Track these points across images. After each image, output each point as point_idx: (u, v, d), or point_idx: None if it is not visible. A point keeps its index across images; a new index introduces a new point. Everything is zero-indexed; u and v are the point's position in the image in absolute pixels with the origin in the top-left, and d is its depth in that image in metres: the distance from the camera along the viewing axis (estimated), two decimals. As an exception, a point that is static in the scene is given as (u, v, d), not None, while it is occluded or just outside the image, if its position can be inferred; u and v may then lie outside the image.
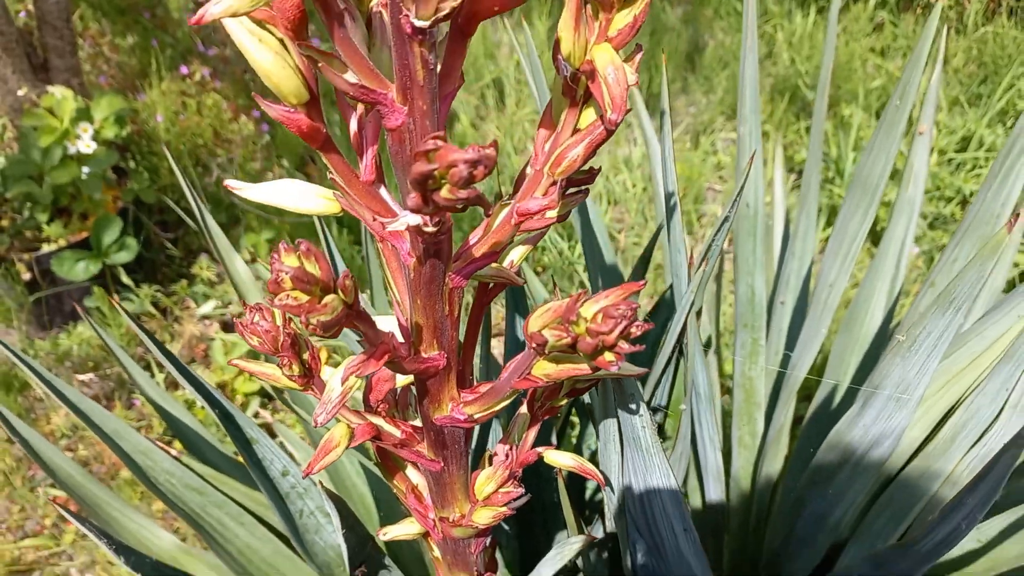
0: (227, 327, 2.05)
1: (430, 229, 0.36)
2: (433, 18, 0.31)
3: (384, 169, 0.43)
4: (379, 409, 0.51)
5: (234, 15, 0.29)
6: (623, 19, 0.34)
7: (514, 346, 0.77)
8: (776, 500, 0.94)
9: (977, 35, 2.48)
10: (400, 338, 0.46)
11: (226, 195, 2.16)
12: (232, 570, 0.95)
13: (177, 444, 1.76)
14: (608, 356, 0.35)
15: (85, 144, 1.78)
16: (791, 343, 1.02)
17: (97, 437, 0.90)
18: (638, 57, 0.36)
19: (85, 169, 1.81)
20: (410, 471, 0.56)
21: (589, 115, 0.37)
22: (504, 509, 0.49)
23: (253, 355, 1.85)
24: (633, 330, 0.35)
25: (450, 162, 0.28)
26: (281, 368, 0.44)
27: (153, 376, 1.86)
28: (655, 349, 0.97)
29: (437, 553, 0.59)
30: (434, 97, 0.34)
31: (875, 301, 1.04)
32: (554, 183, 0.38)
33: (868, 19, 2.73)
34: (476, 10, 0.34)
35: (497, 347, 1.96)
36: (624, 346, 0.35)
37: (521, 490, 0.49)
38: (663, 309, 0.91)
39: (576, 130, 0.38)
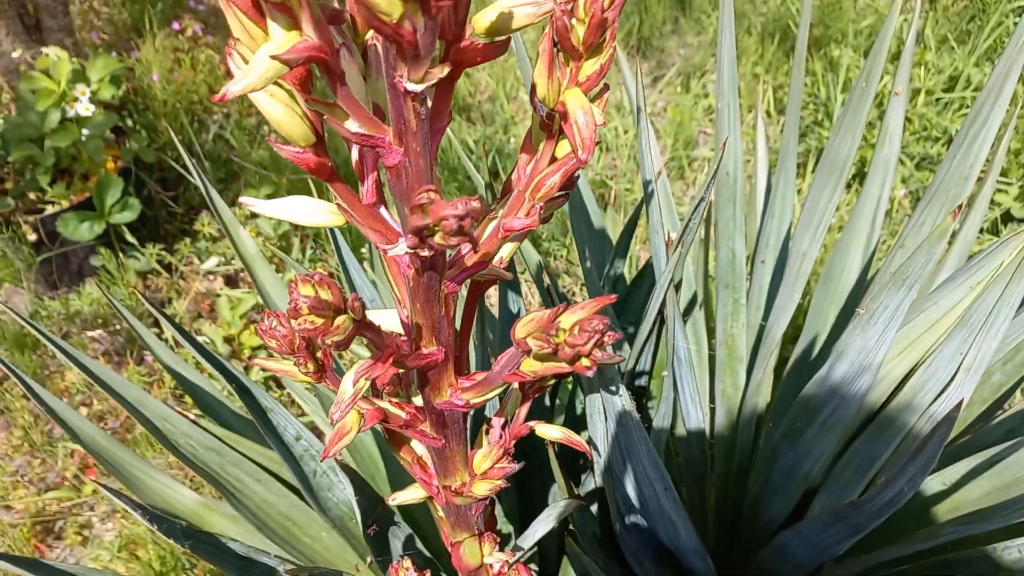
0: (231, 282, 2.10)
1: (425, 254, 0.40)
2: (423, 82, 0.35)
3: (382, 181, 0.47)
4: (385, 392, 0.57)
5: (252, 91, 0.33)
6: (591, 67, 0.39)
7: (507, 316, 0.82)
8: (756, 450, 1.00)
9: (967, -28, 2.47)
10: (402, 332, 0.52)
11: (224, 150, 2.19)
12: (251, 523, 1.02)
13: (188, 399, 1.83)
14: (585, 362, 0.40)
15: (84, 107, 1.81)
16: (772, 299, 1.07)
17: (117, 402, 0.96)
18: (606, 96, 0.41)
19: (85, 131, 1.84)
20: (414, 443, 0.62)
21: (564, 146, 0.42)
22: (500, 482, 0.55)
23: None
24: (606, 339, 0.40)
25: (442, 217, 0.33)
26: (297, 366, 0.50)
27: (162, 333, 1.92)
28: (641, 312, 1.02)
29: (441, 514, 0.66)
30: (425, 139, 0.39)
31: (852, 256, 1.09)
32: (534, 205, 0.43)
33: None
34: (460, 60, 0.38)
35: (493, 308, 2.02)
36: (598, 354, 0.40)
37: (515, 465, 0.55)
38: (647, 275, 0.97)
39: (553, 158, 0.43)
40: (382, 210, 0.46)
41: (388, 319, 0.56)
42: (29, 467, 1.79)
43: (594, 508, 0.80)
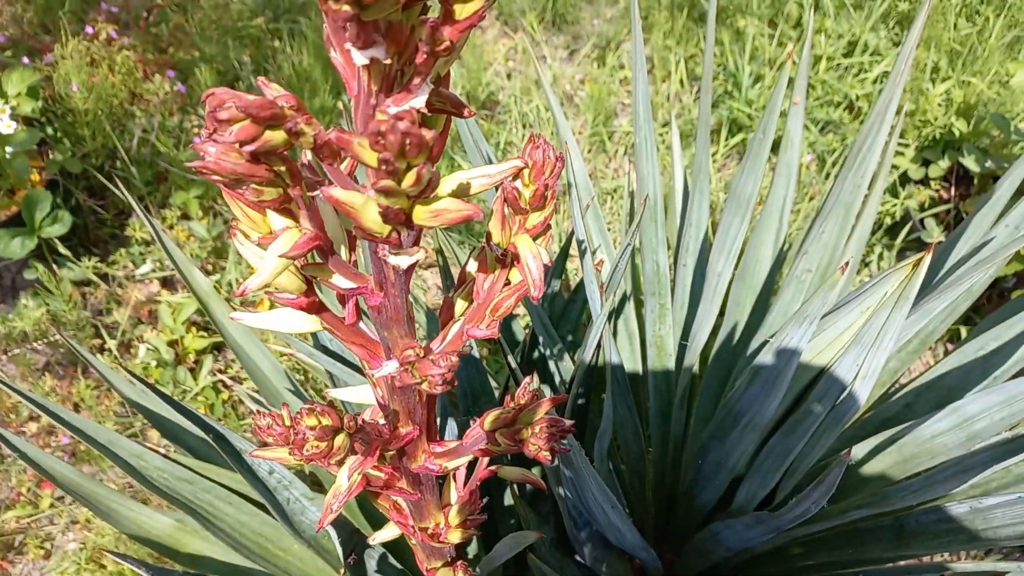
0: (168, 284, 2.12)
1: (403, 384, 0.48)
2: (400, 256, 0.42)
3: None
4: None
5: (266, 285, 0.40)
6: (536, 218, 0.47)
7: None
8: (688, 438, 1.12)
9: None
10: (376, 406, 0.60)
11: (150, 153, 2.18)
12: (226, 543, 1.09)
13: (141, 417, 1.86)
14: (545, 455, 0.49)
15: (5, 125, 1.79)
16: (695, 298, 1.18)
17: (95, 448, 1.01)
18: (549, 233, 0.49)
19: (8, 149, 1.82)
20: (391, 495, 0.70)
21: (516, 274, 0.50)
22: (472, 531, 0.64)
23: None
24: (564, 442, 0.49)
25: (428, 375, 0.41)
26: (292, 455, 0.57)
27: (104, 344, 1.94)
28: (577, 323, 1.12)
29: (416, 545, 0.74)
30: (402, 287, 0.46)
31: (764, 249, 1.20)
32: (494, 319, 0.51)
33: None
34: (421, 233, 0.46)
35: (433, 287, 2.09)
36: (557, 448, 0.49)
37: (484, 516, 0.64)
38: (581, 290, 1.06)
39: (507, 282, 0.50)
40: (361, 324, 0.53)
41: (363, 394, 0.63)
42: (-18, 487, 1.81)
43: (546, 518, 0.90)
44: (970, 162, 1.96)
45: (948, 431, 0.95)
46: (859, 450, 1.04)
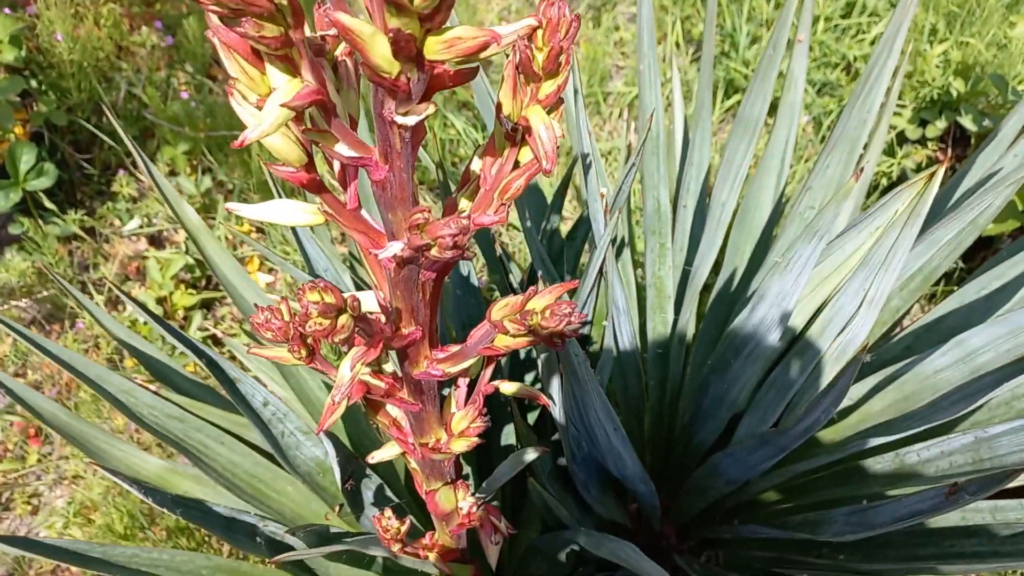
0: (155, 242, 2.09)
1: (410, 254, 0.46)
2: (410, 116, 0.40)
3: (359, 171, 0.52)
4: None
5: (267, 136, 0.38)
6: (549, 87, 0.44)
7: (459, 280, 0.89)
8: (685, 380, 1.10)
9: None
10: (379, 312, 0.57)
11: (136, 108, 2.14)
12: (219, 484, 1.08)
13: (128, 362, 1.84)
14: (556, 340, 0.47)
15: (-13, 73, 1.75)
16: (694, 241, 1.16)
17: (83, 383, 0.99)
18: (561, 108, 0.47)
19: (-10, 98, 1.78)
20: (390, 407, 0.69)
21: (527, 153, 0.48)
22: (476, 439, 0.62)
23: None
24: (573, 319, 0.47)
25: (438, 236, 0.39)
26: (291, 352, 0.55)
27: (92, 298, 1.91)
28: (576, 262, 1.10)
29: (415, 466, 0.72)
30: (408, 157, 0.44)
31: (764, 194, 1.18)
32: (503, 204, 0.49)
33: None
34: (434, 87, 0.43)
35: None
36: (568, 331, 0.47)
37: (488, 424, 0.62)
38: (580, 228, 1.04)
39: (516, 164, 0.48)
40: (363, 212, 0.51)
41: (367, 301, 0.61)
42: (-33, 440, 1.78)
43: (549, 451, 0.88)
44: (967, 122, 1.94)
45: (951, 366, 0.93)
46: (859, 389, 1.03)
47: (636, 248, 1.67)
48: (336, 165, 0.50)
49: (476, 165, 0.55)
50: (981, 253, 1.92)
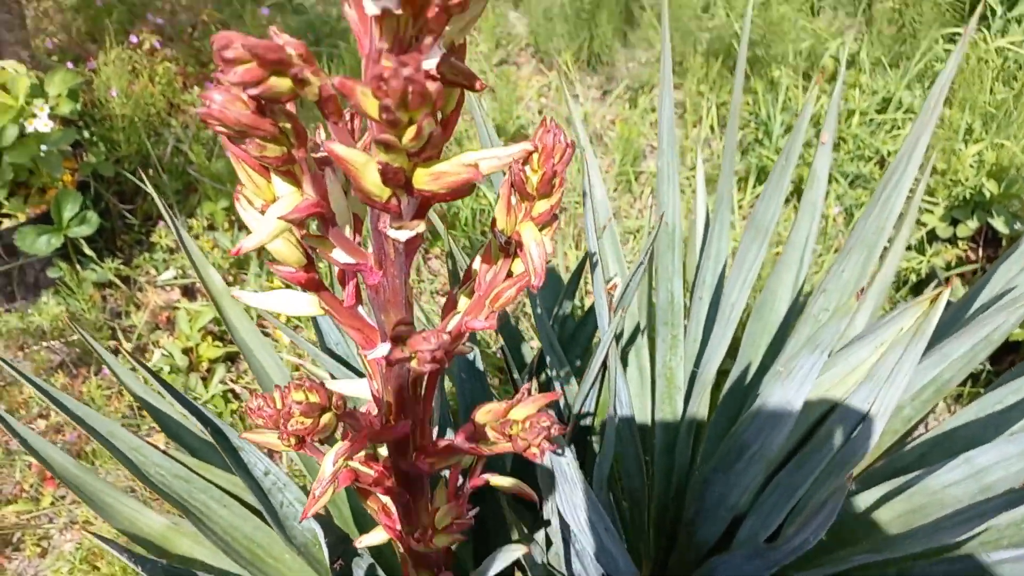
0: (188, 293, 2.13)
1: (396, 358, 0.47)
2: (402, 230, 0.42)
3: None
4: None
5: (263, 245, 0.40)
6: (543, 206, 0.46)
7: (464, 363, 0.90)
8: (693, 473, 1.09)
9: (900, -2, 2.60)
10: (371, 400, 0.59)
11: (182, 163, 2.21)
12: (217, 546, 1.08)
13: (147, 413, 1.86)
14: (534, 451, 0.48)
15: (43, 123, 1.82)
16: (708, 333, 1.16)
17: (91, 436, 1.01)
18: (554, 225, 0.48)
19: (43, 147, 1.86)
20: (379, 493, 0.69)
21: (519, 265, 0.49)
22: (459, 536, 0.62)
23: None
24: (553, 431, 0.47)
25: (418, 350, 0.40)
26: (280, 440, 0.56)
27: (120, 346, 1.95)
28: (588, 347, 1.10)
29: (403, 552, 0.73)
30: (401, 265, 0.46)
31: (782, 289, 1.18)
32: (493, 311, 0.50)
33: (801, -24, 2.83)
34: (427, 204, 0.45)
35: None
36: (546, 445, 0.47)
37: (472, 520, 0.62)
38: (594, 313, 1.04)
39: (509, 273, 0.50)
40: (360, 309, 0.52)
41: (359, 388, 0.62)
42: (-15, 480, 1.81)
43: (540, 535, 0.88)
44: (999, 224, 1.93)
45: (960, 481, 0.92)
46: (867, 498, 1.01)
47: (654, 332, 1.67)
48: (336, 268, 0.52)
49: (477, 263, 0.56)
50: (1009, 357, 1.89)
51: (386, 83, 0.29)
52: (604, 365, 0.84)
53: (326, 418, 0.45)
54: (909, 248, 2.15)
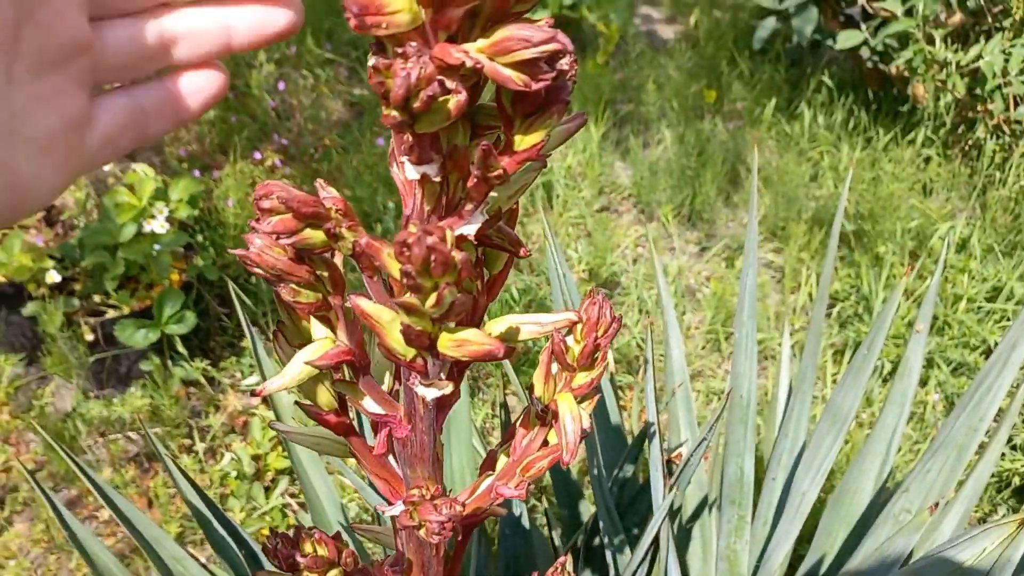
0: (266, 401, 2.17)
1: (420, 517, 0.45)
2: (431, 388, 0.41)
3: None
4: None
5: (286, 389, 0.39)
6: (583, 378, 0.44)
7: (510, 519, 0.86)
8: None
9: (1017, 187, 2.53)
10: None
11: (281, 274, 2.29)
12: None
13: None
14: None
15: (160, 224, 1.93)
16: (779, 517, 1.09)
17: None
18: (596, 399, 0.46)
19: (156, 246, 1.96)
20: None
21: (554, 436, 0.47)
22: None
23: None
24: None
25: (426, 520, 0.38)
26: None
27: (193, 445, 1.98)
28: (647, 516, 1.05)
29: None
30: (431, 422, 0.44)
31: (864, 480, 1.11)
32: (524, 480, 0.48)
33: (915, 154, 2.81)
34: (460, 363, 0.44)
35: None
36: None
37: None
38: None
39: (545, 442, 0.47)
40: (390, 458, 0.51)
41: (384, 538, 0.60)
42: (44, 562, 1.82)
43: None
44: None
45: None
46: None
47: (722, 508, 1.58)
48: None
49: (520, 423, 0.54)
50: None
51: (408, 249, 0.29)
52: (655, 542, 0.79)
53: (333, 574, 0.43)
54: (1014, 447, 2.01)
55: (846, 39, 2.92)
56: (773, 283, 2.58)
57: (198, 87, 0.35)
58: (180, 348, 2.07)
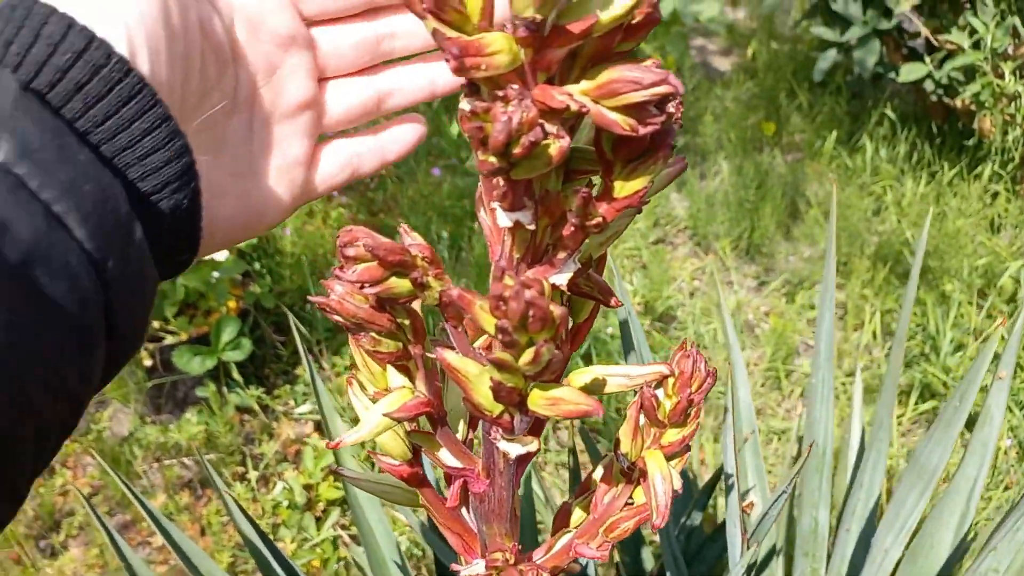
0: (319, 428, 2.16)
1: (496, 577, 0.43)
2: (513, 444, 0.38)
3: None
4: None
5: (362, 441, 0.37)
6: (674, 435, 0.41)
7: None
8: None
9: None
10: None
11: (336, 303, 2.30)
12: None
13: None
14: None
15: (220, 252, 1.95)
16: (854, 570, 1.04)
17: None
18: (686, 456, 0.43)
19: (215, 273, 1.98)
20: None
21: (640, 494, 0.44)
22: None
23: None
24: None
25: (511, 586, 0.35)
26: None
27: (247, 473, 1.98)
28: (715, 566, 1.01)
29: None
30: (510, 478, 0.42)
31: (943, 533, 1.05)
32: (607, 541, 0.45)
33: (982, 190, 2.73)
34: (543, 421, 0.41)
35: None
36: None
37: None
38: (724, 531, 0.96)
39: (630, 501, 0.45)
40: (463, 511, 0.48)
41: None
42: (98, 591, 1.83)
43: None
44: None
45: None
46: None
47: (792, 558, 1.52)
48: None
49: (598, 474, 0.52)
50: None
51: (506, 304, 0.27)
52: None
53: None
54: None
55: (909, 72, 2.86)
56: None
57: (403, 135, 0.43)
58: (235, 375, 2.08)
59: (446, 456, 0.42)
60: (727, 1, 4.27)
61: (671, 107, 0.30)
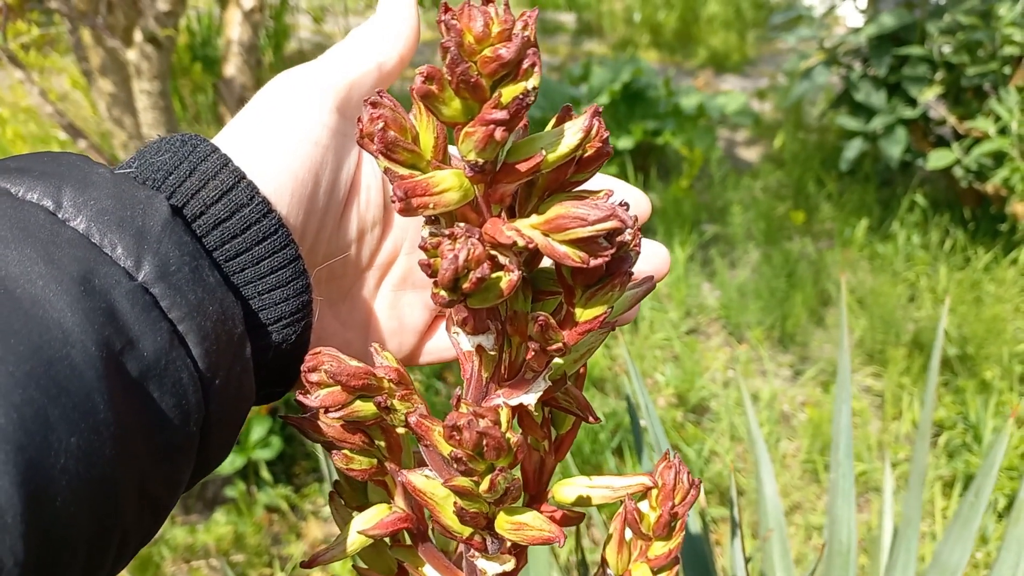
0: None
1: None
2: (490, 562, 0.38)
3: None
4: None
5: (337, 561, 0.37)
6: (660, 549, 0.41)
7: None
8: None
9: None
10: None
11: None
12: None
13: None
14: None
15: (249, 352, 1.98)
16: None
17: None
18: (675, 569, 0.42)
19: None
20: None
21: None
22: None
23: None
24: None
25: None
26: None
27: (274, 574, 1.96)
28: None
29: None
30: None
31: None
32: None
33: (1018, 274, 2.69)
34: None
35: None
36: None
37: None
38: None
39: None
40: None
41: None
42: None
43: None
44: None
45: None
46: None
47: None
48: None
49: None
50: None
51: (459, 433, 0.27)
52: None
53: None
54: None
55: (937, 159, 2.87)
56: (873, 409, 2.45)
57: None
58: (264, 473, 2.08)
59: (430, 572, 0.42)
60: (753, 94, 4.35)
61: (627, 235, 0.31)
